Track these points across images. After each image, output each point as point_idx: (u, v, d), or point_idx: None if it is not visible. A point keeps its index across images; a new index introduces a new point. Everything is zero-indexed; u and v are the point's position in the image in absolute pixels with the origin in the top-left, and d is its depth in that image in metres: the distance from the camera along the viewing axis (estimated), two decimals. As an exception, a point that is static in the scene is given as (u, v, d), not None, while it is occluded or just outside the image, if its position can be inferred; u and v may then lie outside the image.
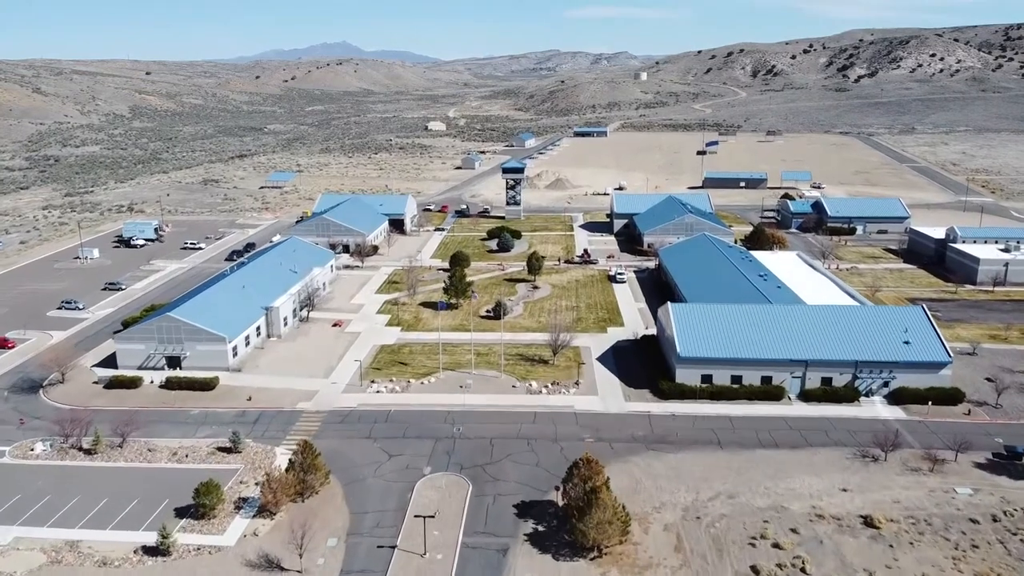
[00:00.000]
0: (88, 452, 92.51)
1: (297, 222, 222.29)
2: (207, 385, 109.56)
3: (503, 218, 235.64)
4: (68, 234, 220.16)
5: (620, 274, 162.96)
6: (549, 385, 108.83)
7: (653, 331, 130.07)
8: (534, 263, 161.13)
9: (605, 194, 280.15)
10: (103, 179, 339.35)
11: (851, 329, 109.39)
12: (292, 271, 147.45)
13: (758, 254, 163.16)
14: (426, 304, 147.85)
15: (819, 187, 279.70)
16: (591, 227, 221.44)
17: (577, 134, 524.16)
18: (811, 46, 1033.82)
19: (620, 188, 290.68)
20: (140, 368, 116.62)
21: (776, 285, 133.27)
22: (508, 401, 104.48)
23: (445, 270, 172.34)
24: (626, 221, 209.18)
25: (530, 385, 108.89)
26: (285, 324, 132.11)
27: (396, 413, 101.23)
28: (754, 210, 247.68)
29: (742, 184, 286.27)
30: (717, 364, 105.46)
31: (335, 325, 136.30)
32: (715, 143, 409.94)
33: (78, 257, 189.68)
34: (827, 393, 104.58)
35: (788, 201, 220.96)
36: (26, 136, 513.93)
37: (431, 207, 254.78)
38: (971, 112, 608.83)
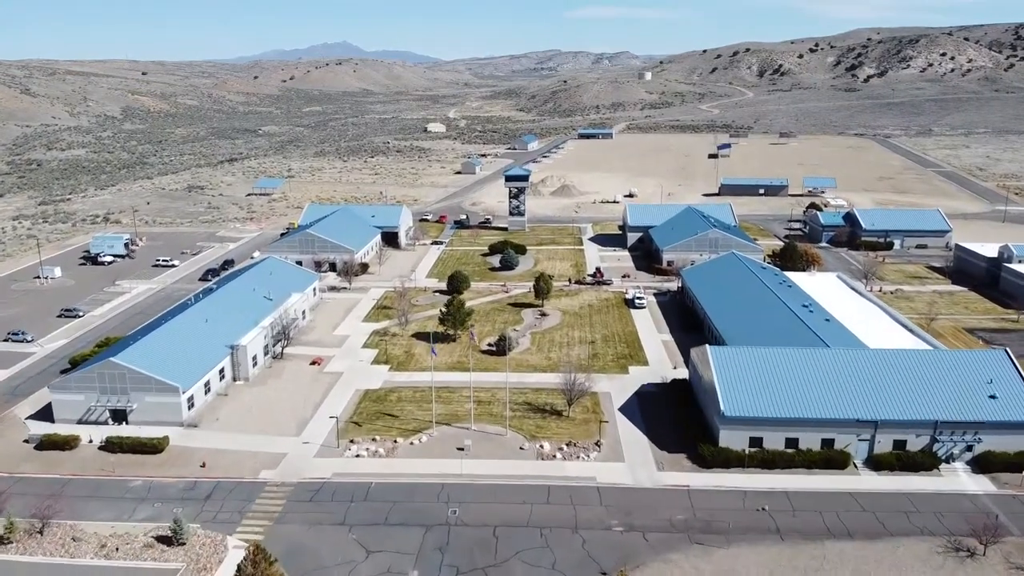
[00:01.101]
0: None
1: (282, 235, 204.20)
2: (154, 447, 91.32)
3: (506, 229, 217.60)
4: (34, 248, 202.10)
5: (639, 298, 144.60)
6: (564, 447, 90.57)
7: (683, 372, 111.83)
8: (542, 286, 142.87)
9: (615, 202, 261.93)
10: (83, 185, 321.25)
11: (926, 380, 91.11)
12: (266, 298, 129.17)
13: (793, 276, 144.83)
14: (419, 335, 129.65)
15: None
16: (602, 240, 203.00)
17: (582, 136, 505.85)
18: (817, 45, 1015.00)
19: (630, 195, 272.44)
20: (81, 422, 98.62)
21: (824, 318, 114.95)
22: (516, 469, 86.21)
23: (442, 292, 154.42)
24: (641, 234, 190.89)
25: (541, 447, 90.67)
26: (254, 364, 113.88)
27: (379, 488, 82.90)
28: (777, 220, 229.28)
29: (761, 191, 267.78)
30: (769, 425, 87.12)
31: (313, 363, 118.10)
32: (728, 146, 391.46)
33: (38, 276, 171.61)
34: (900, 459, 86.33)
35: (817, 212, 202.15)
36: (11, 139, 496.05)
37: (428, 216, 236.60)
38: (988, 113, 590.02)
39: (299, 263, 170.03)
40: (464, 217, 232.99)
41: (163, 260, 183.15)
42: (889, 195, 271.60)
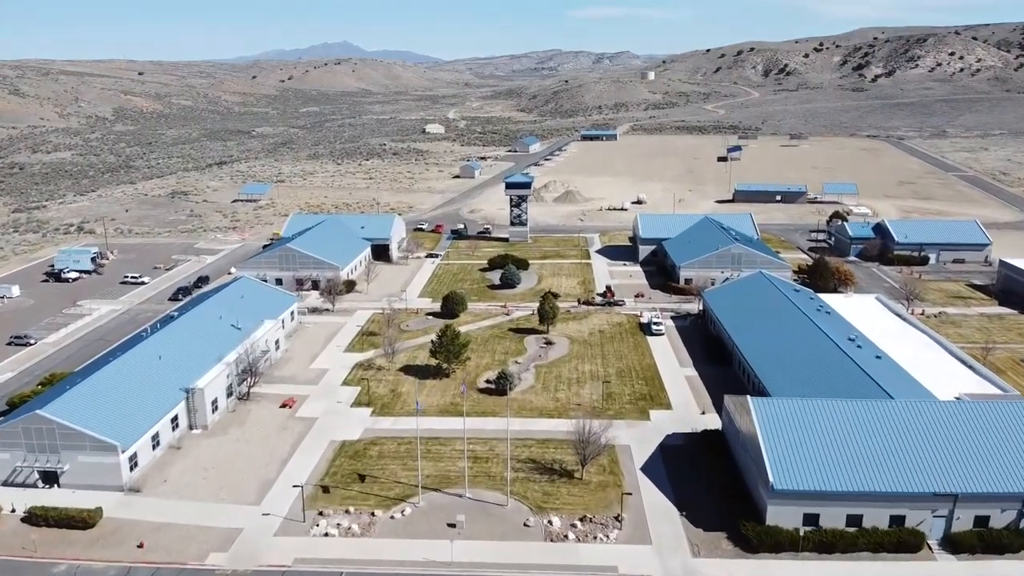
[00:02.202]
0: None
1: (264, 247, 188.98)
2: (83, 522, 75.92)
3: (507, 240, 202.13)
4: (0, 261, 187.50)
5: (656, 323, 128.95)
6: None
7: (712, 418, 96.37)
8: (547, 310, 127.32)
9: (623, 209, 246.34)
10: (63, 191, 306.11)
11: (1011, 440, 75.63)
12: (234, 327, 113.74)
13: (828, 298, 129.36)
14: (408, 368, 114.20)
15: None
16: (611, 253, 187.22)
17: (585, 137, 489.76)
18: (821, 44, 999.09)
19: (638, 202, 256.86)
20: (6, 484, 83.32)
21: (874, 354, 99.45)
22: (519, 555, 70.71)
23: (436, 315, 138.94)
24: (654, 247, 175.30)
25: (550, 523, 75.14)
26: (215, 409, 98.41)
27: (350, 580, 67.55)
28: (798, 230, 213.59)
29: (778, 198, 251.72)
30: (827, 499, 71.63)
31: (284, 405, 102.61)
32: (737, 148, 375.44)
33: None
34: (983, 540, 70.94)
35: (844, 223, 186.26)
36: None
37: (423, 226, 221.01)
38: (1001, 114, 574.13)
39: (279, 281, 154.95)
40: (462, 226, 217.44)
41: (132, 277, 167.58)
42: (912, 202, 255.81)
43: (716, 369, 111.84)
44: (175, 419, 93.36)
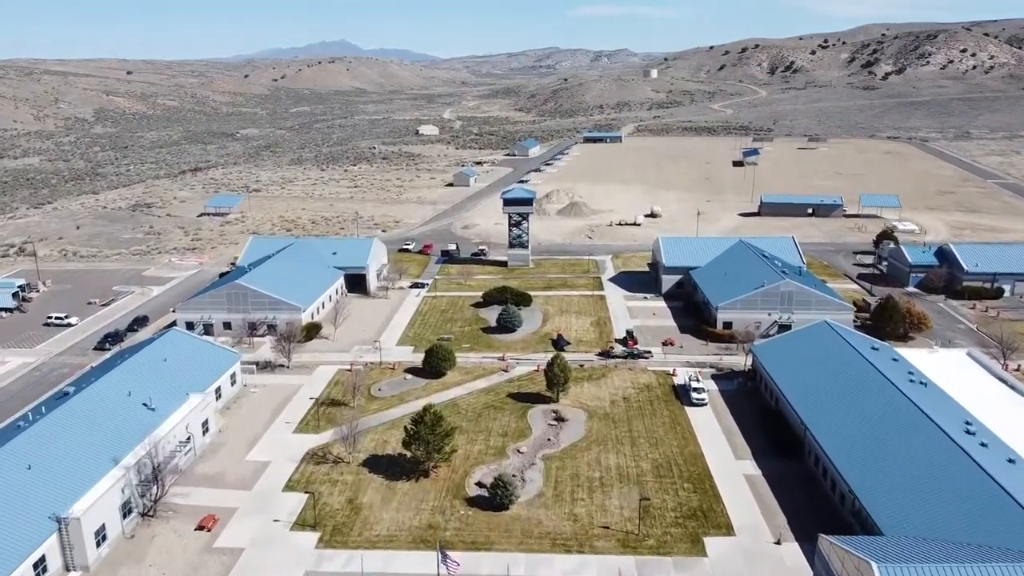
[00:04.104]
0: None
1: (222, 275, 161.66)
2: None
3: (505, 264, 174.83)
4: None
5: (697, 389, 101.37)
6: None
7: (791, 548, 69.00)
8: (556, 374, 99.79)
9: (635, 224, 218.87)
10: (16, 203, 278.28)
11: None
12: (147, 407, 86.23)
13: (910, 355, 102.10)
14: (375, 462, 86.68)
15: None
16: (628, 282, 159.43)
17: (587, 139, 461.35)
18: (826, 41, 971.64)
19: (652, 215, 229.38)
20: None
21: (1006, 457, 72.15)
22: None
23: (417, 372, 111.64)
24: (680, 277, 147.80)
25: None
26: (101, 541, 70.85)
27: None
28: (837, 251, 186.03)
29: (810, 211, 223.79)
30: None
31: (201, 527, 75.00)
32: (754, 152, 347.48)
33: None
34: None
35: (900, 247, 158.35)
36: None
37: (409, 245, 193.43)
38: (1023, 114, 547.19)
39: (227, 325, 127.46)
40: (453, 247, 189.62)
41: (57, 317, 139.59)
42: (959, 215, 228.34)
43: (784, 464, 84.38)
44: (41, 562, 65.90)
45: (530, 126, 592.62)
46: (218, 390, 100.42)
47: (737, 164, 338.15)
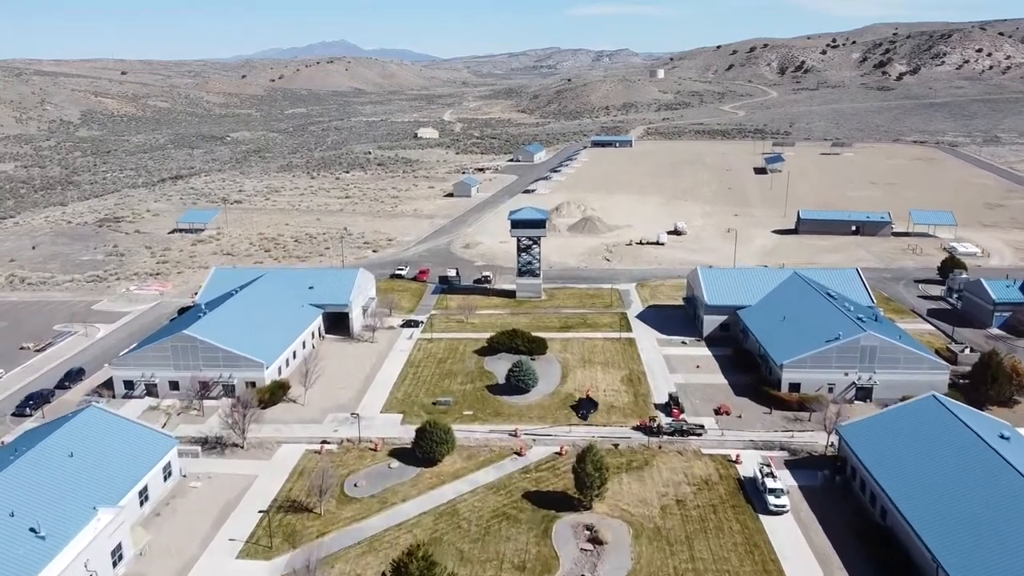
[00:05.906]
0: None
1: (181, 311, 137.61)
2: None
3: (513, 295, 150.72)
4: None
5: (774, 492, 76.71)
6: None
7: None
8: (590, 474, 75.26)
9: (658, 243, 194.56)
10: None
11: None
12: (34, 535, 61.98)
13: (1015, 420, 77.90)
14: (346, 611, 62.28)
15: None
16: (659, 320, 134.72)
17: (596, 144, 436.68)
18: (835, 40, 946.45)
19: (676, 231, 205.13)
20: None
21: None
22: None
23: (406, 455, 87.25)
24: (725, 318, 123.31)
25: None
26: None
27: None
28: (895, 278, 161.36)
29: (854, 228, 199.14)
30: None
31: None
32: (778, 159, 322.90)
33: None
34: None
35: (981, 280, 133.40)
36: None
37: (402, 271, 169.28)
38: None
39: (174, 385, 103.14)
40: (453, 273, 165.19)
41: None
42: (1018, 234, 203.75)
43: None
44: None
45: (534, 129, 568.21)
46: (144, 490, 76.15)
47: (759, 171, 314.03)
